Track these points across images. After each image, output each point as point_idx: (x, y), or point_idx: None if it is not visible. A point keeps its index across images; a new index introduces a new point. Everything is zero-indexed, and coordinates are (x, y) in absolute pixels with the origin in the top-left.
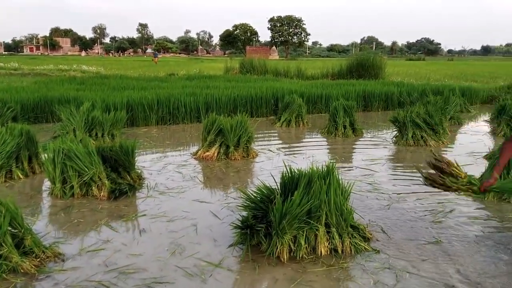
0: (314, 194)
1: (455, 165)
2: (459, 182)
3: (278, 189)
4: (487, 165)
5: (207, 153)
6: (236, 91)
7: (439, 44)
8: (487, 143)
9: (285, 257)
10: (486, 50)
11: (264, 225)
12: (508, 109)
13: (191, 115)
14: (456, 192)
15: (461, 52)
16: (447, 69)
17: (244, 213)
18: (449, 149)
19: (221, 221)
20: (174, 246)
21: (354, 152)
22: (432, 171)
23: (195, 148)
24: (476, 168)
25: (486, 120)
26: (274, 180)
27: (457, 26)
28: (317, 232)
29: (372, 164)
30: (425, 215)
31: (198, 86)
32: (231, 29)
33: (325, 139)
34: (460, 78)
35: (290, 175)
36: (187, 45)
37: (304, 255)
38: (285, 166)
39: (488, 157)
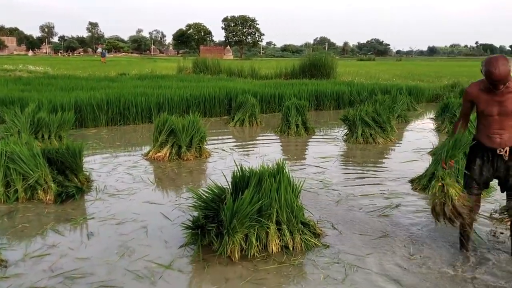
0: (265, 193)
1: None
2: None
3: (229, 188)
4: (430, 160)
5: (159, 154)
6: (189, 90)
7: (388, 45)
8: (432, 140)
9: (237, 256)
10: (432, 51)
11: (215, 224)
12: (451, 107)
13: (143, 115)
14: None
15: (409, 53)
16: (395, 69)
17: (195, 214)
18: (397, 146)
19: (172, 222)
20: (123, 249)
21: (306, 150)
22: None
23: (147, 149)
24: (421, 164)
25: (431, 118)
26: (226, 179)
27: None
28: (268, 230)
29: (323, 161)
30: (373, 210)
31: (150, 86)
32: (184, 29)
33: (278, 138)
34: (407, 77)
35: (241, 174)
36: (139, 45)
37: (255, 254)
38: (236, 165)
39: (432, 153)
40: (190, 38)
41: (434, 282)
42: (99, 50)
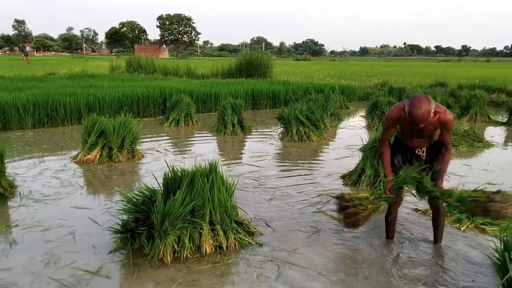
0: (197, 193)
1: (352, 195)
2: (367, 202)
3: (161, 189)
4: (360, 156)
5: (88, 156)
6: (122, 90)
7: (323, 45)
8: (363, 137)
9: (169, 258)
10: (364, 51)
11: (146, 227)
12: (380, 105)
13: (72, 116)
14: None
15: (342, 53)
16: (329, 69)
17: (125, 217)
18: (330, 144)
19: (102, 227)
20: (48, 256)
21: (243, 149)
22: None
23: (76, 152)
24: (352, 160)
25: (362, 116)
26: (157, 181)
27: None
28: (201, 230)
29: (259, 160)
30: (307, 207)
31: (80, 86)
32: (117, 27)
33: (214, 138)
34: (341, 77)
35: (172, 175)
36: (70, 43)
37: (188, 255)
38: (168, 166)
39: (363, 149)
40: (124, 37)
41: (365, 276)
42: (28, 48)
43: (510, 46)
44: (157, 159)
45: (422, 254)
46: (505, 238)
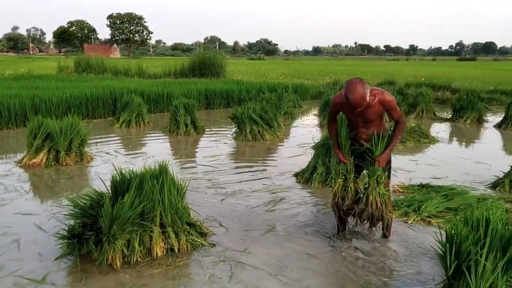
0: (147, 195)
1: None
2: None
3: (109, 193)
4: (312, 154)
5: (34, 160)
6: (70, 91)
7: (277, 45)
8: (315, 135)
9: (118, 263)
10: (317, 51)
11: (94, 232)
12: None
13: (17, 119)
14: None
15: (296, 53)
16: (283, 68)
17: (72, 222)
18: (283, 142)
19: (48, 233)
20: None
21: (196, 150)
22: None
23: (21, 155)
24: (305, 158)
25: (315, 114)
26: (104, 184)
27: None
28: (152, 233)
29: (212, 160)
30: (260, 205)
31: (26, 87)
32: (66, 26)
33: (167, 138)
34: (294, 76)
35: (121, 177)
36: (16, 43)
37: (139, 259)
38: (115, 168)
39: (315, 147)
40: (73, 36)
41: (318, 272)
42: None
43: (454, 46)
44: (106, 162)
45: (373, 247)
46: (447, 230)
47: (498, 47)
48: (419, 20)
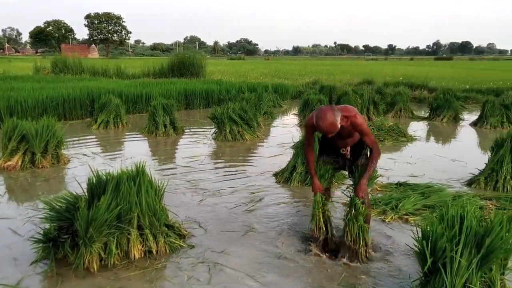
0: (124, 197)
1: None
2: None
3: (86, 195)
4: (292, 153)
5: (9, 163)
6: (46, 92)
7: (257, 44)
8: (295, 134)
9: (95, 266)
10: (297, 51)
11: (70, 235)
12: (311, 103)
13: None
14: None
15: (276, 52)
16: (263, 68)
17: (48, 226)
18: (263, 142)
19: (23, 237)
20: None
21: (175, 150)
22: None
23: None
24: (285, 158)
25: (295, 114)
26: (80, 186)
27: (272, 29)
28: (129, 236)
29: (191, 161)
30: (239, 206)
31: (1, 88)
32: (42, 26)
33: (145, 139)
34: (274, 76)
35: (97, 179)
36: None
37: (116, 262)
38: (92, 170)
39: (295, 147)
40: (50, 36)
41: (296, 273)
42: None
43: (431, 45)
44: (84, 164)
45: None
46: (423, 227)
47: (474, 47)
48: (398, 20)
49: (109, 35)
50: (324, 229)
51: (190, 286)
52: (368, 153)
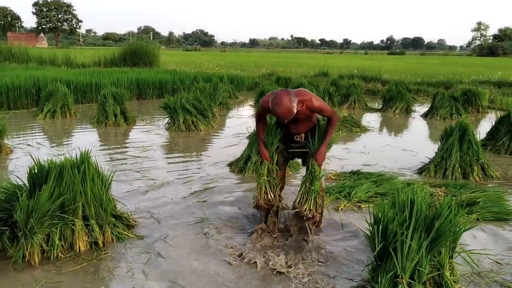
0: (67, 186)
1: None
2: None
3: (27, 185)
4: (246, 144)
5: None
6: None
7: (213, 36)
8: (250, 125)
9: (37, 259)
10: (254, 43)
11: (8, 227)
12: (266, 93)
13: None
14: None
15: (233, 44)
16: (219, 59)
17: None
18: (218, 133)
19: None
20: None
21: (126, 141)
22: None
23: None
24: (239, 148)
25: (250, 105)
26: (20, 179)
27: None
28: (74, 227)
29: (143, 151)
30: (191, 196)
31: None
32: None
33: (95, 130)
34: (230, 67)
35: (39, 168)
36: None
37: (60, 254)
38: (33, 159)
39: (250, 136)
40: None
41: (244, 264)
42: None
43: (385, 40)
44: (27, 154)
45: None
46: (374, 212)
47: (425, 42)
48: (353, 15)
49: (58, 23)
50: (271, 197)
51: (132, 277)
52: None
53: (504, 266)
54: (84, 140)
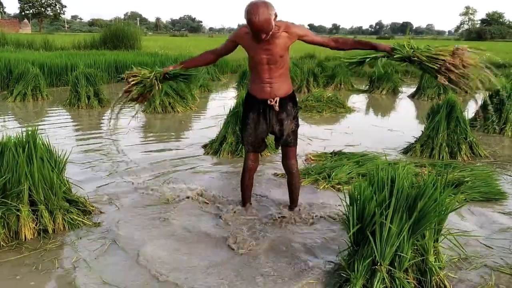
0: (9, 167)
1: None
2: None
3: None
4: (221, 124)
5: None
6: None
7: (201, 22)
8: (231, 106)
9: None
10: None
11: None
12: (248, 74)
13: None
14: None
15: (221, 30)
16: (206, 44)
17: None
18: (197, 114)
19: None
20: None
21: (99, 123)
22: None
23: None
24: (217, 130)
25: (233, 87)
26: None
27: (216, 5)
28: (19, 212)
29: (116, 133)
30: (155, 179)
31: None
32: None
33: (66, 113)
34: None
35: None
36: None
37: (2, 243)
38: None
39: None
40: None
41: (216, 251)
42: None
43: (374, 25)
44: None
45: (279, 215)
46: (350, 191)
47: (414, 27)
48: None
49: (42, 9)
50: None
51: (77, 268)
52: (299, 119)
53: (494, 249)
54: (54, 122)
